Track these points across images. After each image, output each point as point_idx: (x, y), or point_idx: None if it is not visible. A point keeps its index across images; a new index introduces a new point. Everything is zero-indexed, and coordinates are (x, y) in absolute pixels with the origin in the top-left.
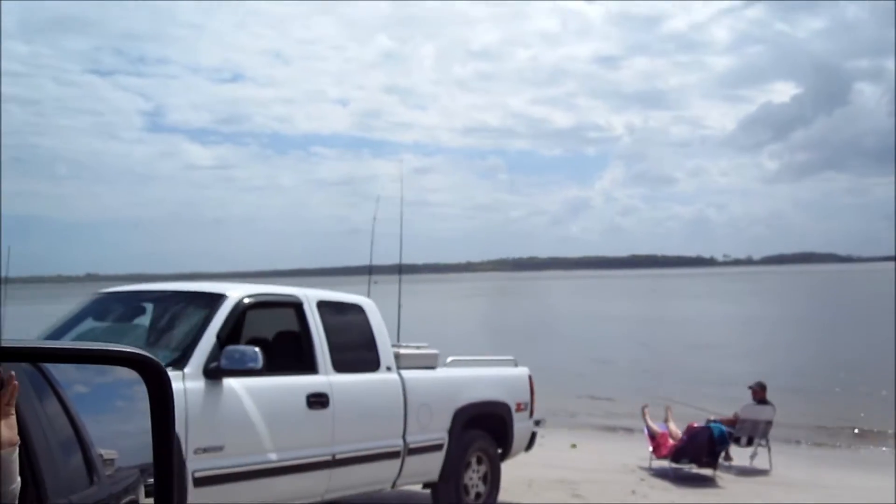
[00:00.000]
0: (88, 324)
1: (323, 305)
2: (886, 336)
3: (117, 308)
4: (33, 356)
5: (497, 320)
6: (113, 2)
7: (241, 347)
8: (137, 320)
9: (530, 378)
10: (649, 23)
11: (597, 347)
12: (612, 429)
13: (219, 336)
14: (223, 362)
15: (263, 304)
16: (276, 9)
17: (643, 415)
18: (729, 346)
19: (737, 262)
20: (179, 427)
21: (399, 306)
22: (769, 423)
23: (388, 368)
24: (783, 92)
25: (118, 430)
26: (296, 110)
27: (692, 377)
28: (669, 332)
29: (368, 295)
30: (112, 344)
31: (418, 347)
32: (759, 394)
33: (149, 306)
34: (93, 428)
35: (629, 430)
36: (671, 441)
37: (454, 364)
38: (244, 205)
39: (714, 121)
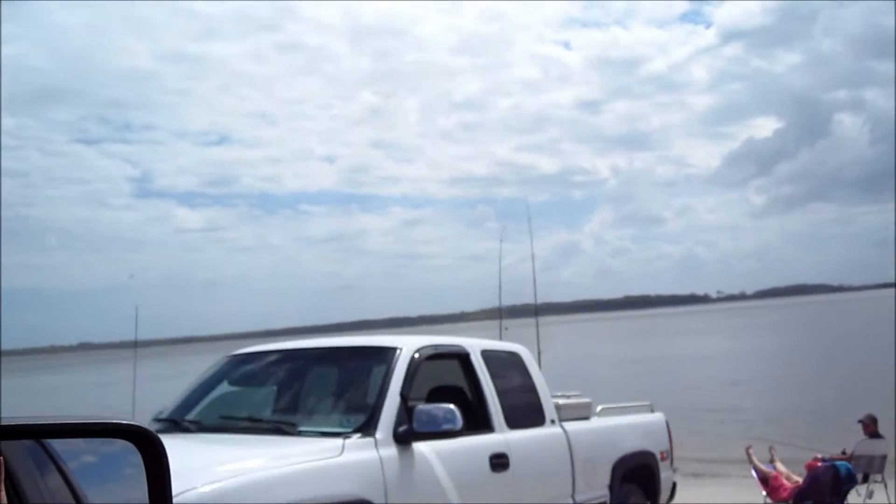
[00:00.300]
0: (223, 388)
1: (487, 355)
2: None
3: (253, 370)
4: (30, 433)
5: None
6: (97, 73)
7: (431, 407)
8: (273, 382)
9: (667, 424)
10: (628, 66)
11: (636, 389)
12: (699, 475)
13: (402, 394)
14: (415, 425)
15: (434, 357)
16: (261, 70)
17: (748, 456)
18: (764, 381)
19: (731, 298)
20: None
21: (539, 352)
22: (884, 458)
23: (553, 421)
24: (765, 127)
25: (125, 500)
26: (283, 169)
27: (759, 414)
28: (700, 369)
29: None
30: (107, 417)
31: (571, 396)
32: (871, 427)
33: (292, 365)
34: (99, 500)
35: (719, 475)
36: (786, 482)
37: (605, 413)
38: (235, 265)
39: (698, 159)
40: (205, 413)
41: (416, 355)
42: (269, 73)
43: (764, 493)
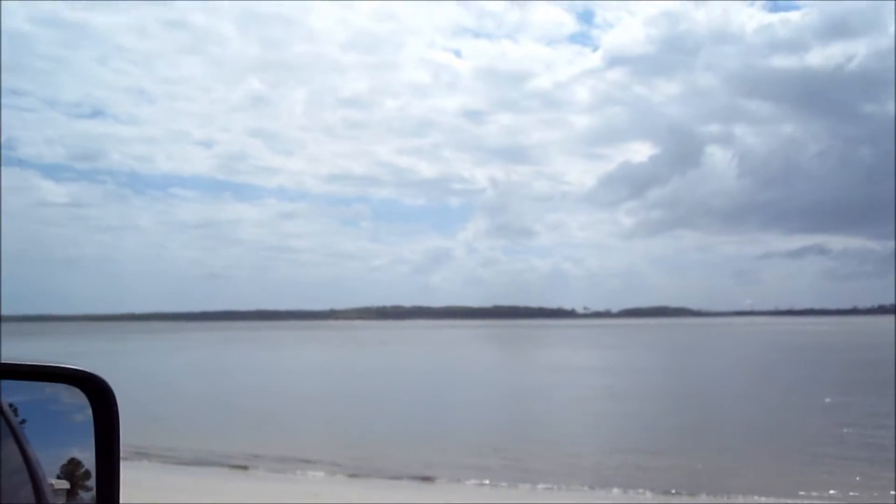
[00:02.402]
0: None
1: None
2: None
3: None
4: None
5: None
6: None
7: None
8: None
9: None
10: (515, 80)
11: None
12: None
13: None
14: None
15: None
16: (143, 45)
17: None
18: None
19: (597, 315)
20: None
21: None
22: None
23: None
24: (640, 152)
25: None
26: (157, 150)
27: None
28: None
29: None
30: (54, 361)
31: None
32: None
33: None
34: (44, 456)
35: None
36: None
37: None
38: (98, 244)
39: (574, 177)
40: None
41: None
42: (152, 49)
43: None
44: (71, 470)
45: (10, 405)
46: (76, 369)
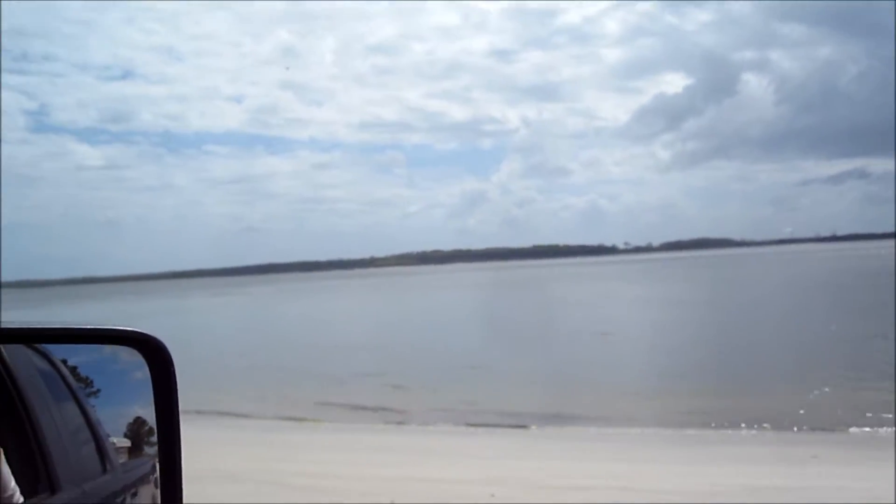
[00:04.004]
0: None
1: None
2: None
3: None
4: (28, 337)
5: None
6: None
7: None
8: None
9: None
10: (543, 16)
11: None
12: None
13: None
14: None
15: None
16: (168, 4)
17: None
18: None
19: (637, 250)
20: None
21: None
22: None
23: None
24: (675, 83)
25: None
26: (188, 108)
27: None
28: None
29: None
30: (109, 323)
31: None
32: None
33: None
34: (106, 415)
35: None
36: None
37: None
38: (136, 205)
39: (607, 112)
40: None
41: None
42: (177, 6)
43: None
44: (136, 428)
45: (69, 365)
46: (132, 331)
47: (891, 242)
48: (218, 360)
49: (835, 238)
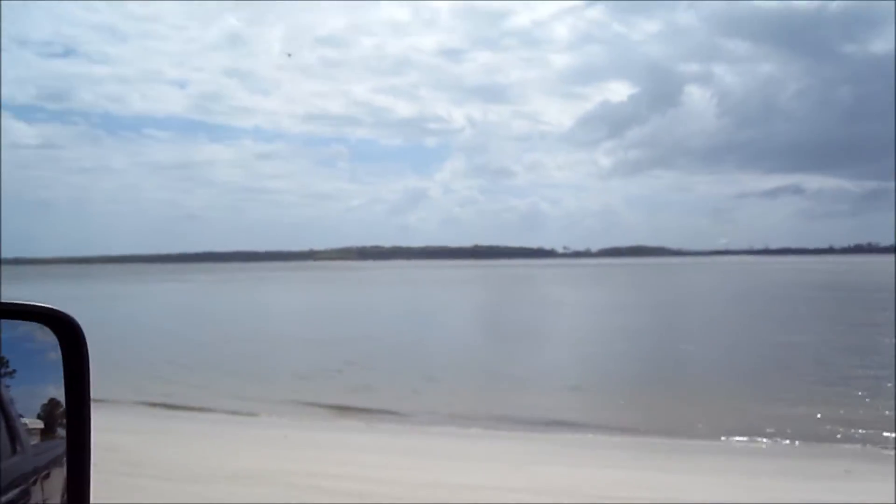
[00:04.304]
0: None
1: None
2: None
3: None
4: None
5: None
6: None
7: None
8: None
9: None
10: (494, 17)
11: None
12: None
13: None
14: None
15: None
16: None
17: None
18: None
19: (577, 254)
20: None
21: None
22: None
23: None
24: (620, 91)
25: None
26: (130, 90)
27: None
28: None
29: None
30: (20, 299)
31: None
32: None
33: None
34: (20, 395)
35: None
36: None
37: None
38: (72, 187)
39: (553, 117)
40: None
41: None
42: None
43: None
44: (49, 410)
45: None
46: (44, 307)
47: (821, 258)
48: (189, 351)
49: (767, 251)
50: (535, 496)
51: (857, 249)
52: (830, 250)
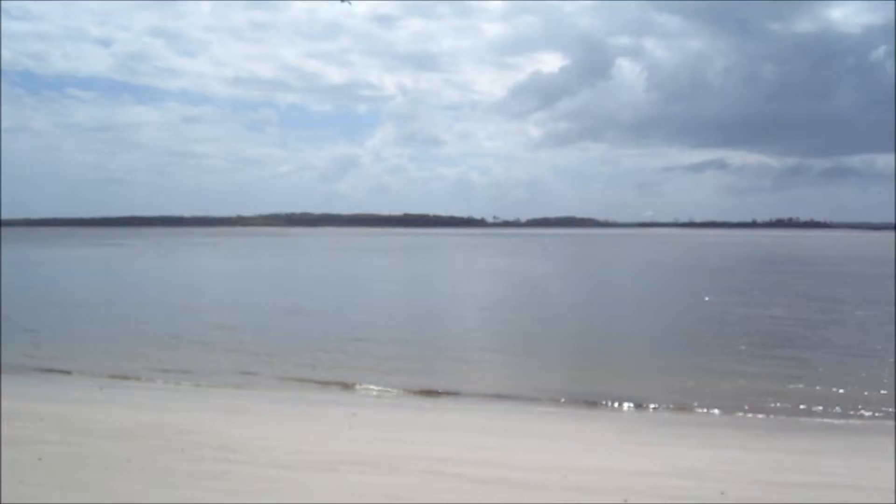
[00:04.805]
0: None
1: None
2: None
3: None
4: None
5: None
6: None
7: None
8: None
9: None
10: None
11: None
12: None
13: None
14: None
15: None
16: None
17: None
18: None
19: (506, 224)
20: None
21: None
22: None
23: None
24: (551, 63)
25: None
26: (51, 48)
27: None
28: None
29: None
30: None
31: None
32: None
33: None
34: None
35: None
36: None
37: None
38: None
39: (484, 86)
40: None
41: None
42: None
43: None
44: None
45: None
46: None
47: (745, 231)
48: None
49: (692, 224)
50: (682, 478)
51: (779, 224)
52: (754, 224)
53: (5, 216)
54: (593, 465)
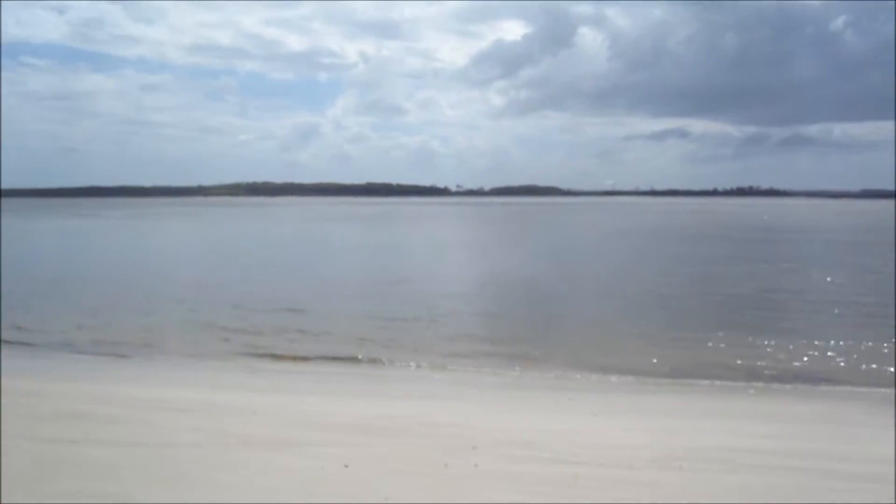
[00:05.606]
0: None
1: None
2: None
3: None
4: None
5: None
6: None
7: None
8: None
9: None
10: None
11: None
12: None
13: None
14: None
15: None
16: None
17: None
18: None
19: (470, 192)
20: None
21: None
22: None
23: None
24: (514, 31)
25: None
26: (3, 14)
27: None
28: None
29: None
30: None
31: None
32: None
33: None
34: None
35: None
36: None
37: None
38: None
39: (446, 55)
40: None
41: None
42: None
43: None
44: None
45: None
46: None
47: (707, 199)
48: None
49: (654, 192)
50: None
51: (739, 192)
52: (715, 192)
53: None
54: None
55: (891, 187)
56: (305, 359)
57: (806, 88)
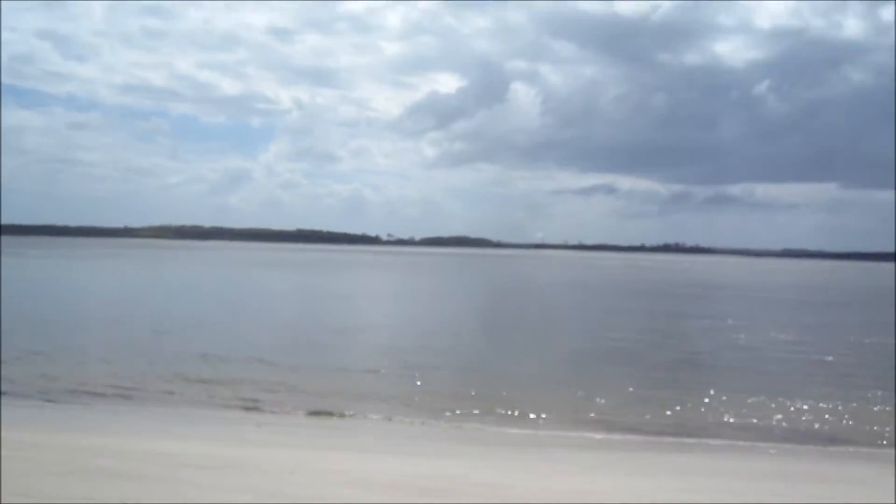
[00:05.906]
0: None
1: None
2: None
3: None
4: None
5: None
6: None
7: None
8: None
9: None
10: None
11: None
12: None
13: None
14: None
15: None
16: None
17: None
18: None
19: (401, 242)
20: None
21: None
22: None
23: None
24: (448, 84)
25: None
26: None
27: None
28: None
29: None
30: None
31: None
32: None
33: None
34: None
35: None
36: None
37: None
38: None
39: (380, 104)
40: None
41: None
42: None
43: None
44: None
45: None
46: None
47: (634, 255)
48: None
49: (582, 247)
50: None
51: (666, 248)
52: (642, 248)
53: None
54: None
55: (811, 247)
56: (304, 412)
57: (730, 149)
